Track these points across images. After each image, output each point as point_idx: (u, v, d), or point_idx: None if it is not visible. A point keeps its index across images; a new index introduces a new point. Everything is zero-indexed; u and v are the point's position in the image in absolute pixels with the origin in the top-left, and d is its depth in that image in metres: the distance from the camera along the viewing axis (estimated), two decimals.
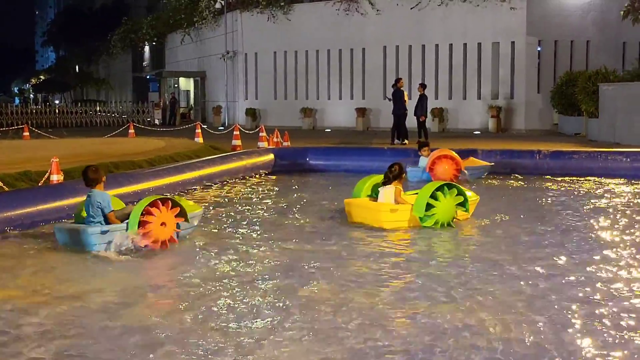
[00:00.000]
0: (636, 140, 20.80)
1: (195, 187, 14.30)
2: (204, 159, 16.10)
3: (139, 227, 8.55)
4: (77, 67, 79.01)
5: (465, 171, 14.96)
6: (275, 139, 20.61)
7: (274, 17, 36.45)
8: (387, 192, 10.10)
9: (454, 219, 9.89)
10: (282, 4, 36.04)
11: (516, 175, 16.15)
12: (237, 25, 38.35)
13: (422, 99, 23.21)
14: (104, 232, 8.56)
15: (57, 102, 72.67)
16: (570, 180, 15.31)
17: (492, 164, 16.16)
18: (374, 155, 17.56)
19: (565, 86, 27.40)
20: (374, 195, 10.62)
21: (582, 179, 15.44)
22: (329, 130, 33.84)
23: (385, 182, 10.20)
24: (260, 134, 21.12)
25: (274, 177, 16.73)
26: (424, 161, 15.18)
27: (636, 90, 22.41)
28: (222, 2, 39.22)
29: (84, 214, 8.89)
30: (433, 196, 9.71)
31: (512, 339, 5.35)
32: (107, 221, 8.70)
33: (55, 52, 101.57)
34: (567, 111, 27.93)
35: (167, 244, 8.66)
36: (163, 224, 8.64)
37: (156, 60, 56.94)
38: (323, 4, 35.03)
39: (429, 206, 9.71)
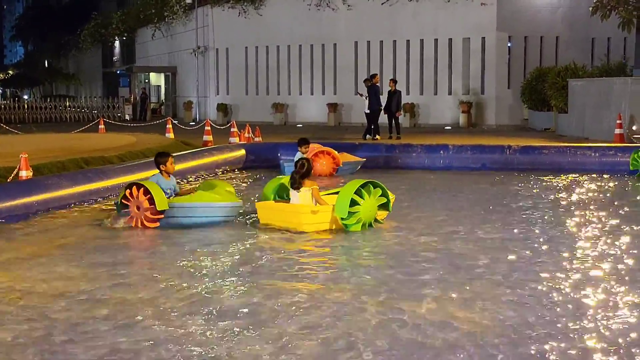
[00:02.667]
0: (605, 135, 21.03)
1: None
2: (175, 154, 15.96)
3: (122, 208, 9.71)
4: (46, 62, 78.14)
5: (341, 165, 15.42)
6: (246, 135, 20.53)
7: (245, 12, 36.34)
8: (304, 194, 9.39)
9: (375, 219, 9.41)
10: None
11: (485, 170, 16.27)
12: (208, 20, 38.20)
13: (397, 94, 23.27)
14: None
15: (25, 97, 71.71)
16: (536, 176, 15.43)
17: (365, 159, 16.42)
18: (346, 151, 17.55)
19: (535, 81, 27.63)
20: (277, 197, 10.04)
21: (552, 174, 15.57)
22: (301, 125, 33.82)
23: (294, 185, 9.43)
24: (232, 130, 21.04)
25: (244, 172, 16.69)
26: (299, 156, 15.17)
27: (605, 86, 22.66)
28: None
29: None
30: (356, 195, 9.05)
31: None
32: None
33: (24, 46, 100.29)
34: (537, 106, 28.17)
35: (138, 224, 9.49)
36: (138, 207, 9.49)
37: (126, 55, 56.53)
38: None
39: (352, 205, 9.01)
